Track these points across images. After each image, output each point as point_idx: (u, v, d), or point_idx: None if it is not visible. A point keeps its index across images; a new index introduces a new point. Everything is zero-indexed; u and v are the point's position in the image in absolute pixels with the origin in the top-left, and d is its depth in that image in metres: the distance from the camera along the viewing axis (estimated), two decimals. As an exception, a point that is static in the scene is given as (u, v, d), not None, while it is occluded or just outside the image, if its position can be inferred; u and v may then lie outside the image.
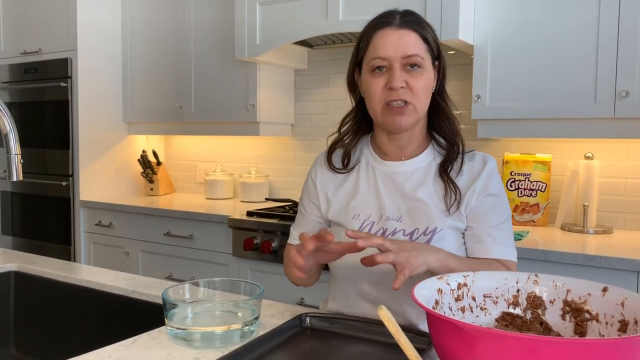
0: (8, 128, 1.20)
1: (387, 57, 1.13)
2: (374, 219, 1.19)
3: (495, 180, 1.19)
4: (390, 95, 1.13)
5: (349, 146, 1.27)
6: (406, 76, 1.13)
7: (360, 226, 1.20)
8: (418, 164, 1.21)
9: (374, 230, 1.18)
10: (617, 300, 0.82)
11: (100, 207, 3.06)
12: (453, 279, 0.89)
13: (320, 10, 2.41)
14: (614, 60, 1.98)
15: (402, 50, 1.12)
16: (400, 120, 1.15)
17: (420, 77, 1.13)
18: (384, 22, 1.15)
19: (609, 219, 2.30)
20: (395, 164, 1.22)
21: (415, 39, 1.13)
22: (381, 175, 1.22)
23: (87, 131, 3.15)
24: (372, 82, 1.15)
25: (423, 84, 1.14)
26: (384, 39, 1.13)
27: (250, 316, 1.04)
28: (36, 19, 3.25)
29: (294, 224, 1.37)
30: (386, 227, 1.17)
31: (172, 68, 3.13)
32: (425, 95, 1.15)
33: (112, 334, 1.35)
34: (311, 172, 1.32)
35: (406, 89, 1.13)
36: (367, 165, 1.25)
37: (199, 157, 3.52)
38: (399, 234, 1.16)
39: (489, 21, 2.21)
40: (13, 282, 1.60)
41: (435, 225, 1.15)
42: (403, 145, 1.22)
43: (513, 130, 2.23)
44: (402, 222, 1.17)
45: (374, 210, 1.20)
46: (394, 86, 1.12)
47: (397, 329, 0.76)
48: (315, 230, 1.26)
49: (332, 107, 2.98)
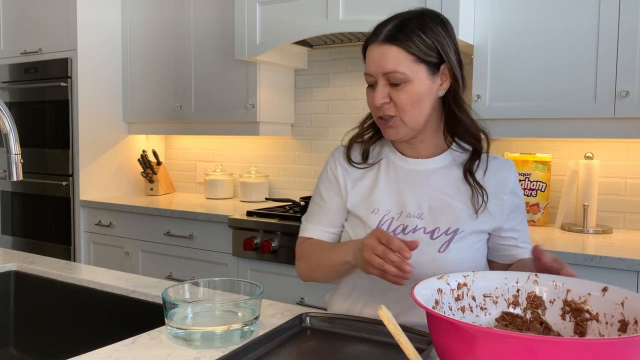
0: (8, 128, 1.20)
1: (372, 74, 1.15)
2: (393, 214, 1.19)
3: (517, 182, 1.23)
4: (377, 112, 1.16)
5: (369, 142, 1.27)
6: (390, 90, 1.13)
7: (380, 221, 1.19)
8: (440, 162, 1.21)
9: (393, 226, 1.18)
10: (617, 300, 0.82)
11: (100, 207, 3.06)
12: (453, 279, 0.89)
13: (320, 10, 2.41)
14: (614, 60, 1.98)
15: (382, 67, 1.12)
16: (390, 133, 1.17)
17: (403, 91, 1.12)
18: (372, 37, 1.16)
19: (609, 218, 2.30)
20: (417, 162, 1.22)
21: (395, 54, 1.11)
22: (403, 172, 1.22)
23: (87, 131, 3.15)
24: (368, 96, 1.18)
25: (407, 98, 1.12)
26: (369, 54, 1.15)
27: (250, 316, 1.04)
28: (36, 19, 3.25)
29: (309, 216, 1.31)
30: (406, 224, 1.17)
31: (172, 68, 3.13)
32: (413, 107, 1.13)
33: (112, 334, 1.35)
34: (330, 164, 1.30)
35: (390, 104, 1.14)
36: (388, 161, 1.25)
37: (199, 157, 3.52)
38: (420, 231, 1.16)
39: (489, 21, 2.21)
40: (13, 282, 1.60)
41: (458, 226, 1.15)
42: (415, 147, 1.22)
43: (513, 130, 2.23)
44: (423, 220, 1.17)
45: (394, 206, 1.19)
46: (375, 104, 1.14)
47: (397, 329, 0.76)
48: (335, 221, 1.26)
49: (332, 107, 2.98)
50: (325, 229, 1.27)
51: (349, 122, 2.90)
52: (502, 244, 1.21)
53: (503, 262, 1.23)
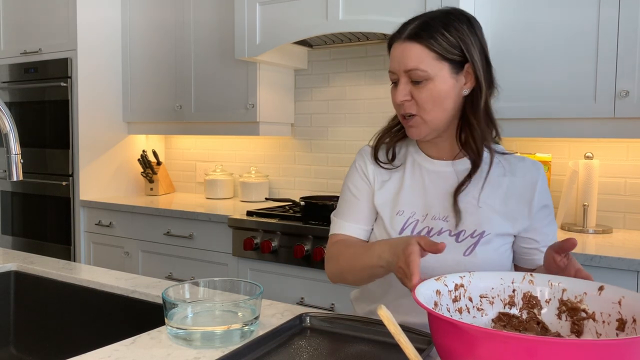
0: (8, 128, 1.20)
1: (395, 71, 1.15)
2: (418, 216, 1.18)
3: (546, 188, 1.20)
4: (398, 110, 1.17)
5: (393, 142, 1.25)
6: (412, 88, 1.13)
7: (405, 223, 1.18)
8: (465, 164, 1.19)
9: (418, 228, 1.17)
10: (614, 299, 0.82)
11: (100, 206, 3.06)
12: (450, 280, 0.89)
13: (320, 10, 2.41)
14: (614, 60, 1.98)
15: (403, 64, 1.13)
16: (412, 132, 1.17)
17: (424, 89, 1.12)
18: (395, 35, 1.16)
19: (608, 218, 2.30)
20: (443, 163, 1.21)
21: (418, 51, 1.11)
22: (428, 174, 1.21)
23: (87, 131, 3.15)
24: (392, 94, 1.18)
25: (428, 96, 1.12)
26: (393, 52, 1.16)
27: (250, 316, 1.04)
28: (36, 19, 3.25)
29: (340, 213, 1.28)
30: (432, 227, 1.16)
31: (172, 68, 3.13)
32: (434, 105, 1.12)
33: (112, 334, 1.35)
34: (358, 162, 1.28)
35: (412, 102, 1.14)
36: (414, 162, 1.24)
37: (199, 157, 3.52)
38: (445, 234, 1.15)
39: (489, 21, 2.21)
40: (13, 282, 1.60)
41: (484, 229, 1.14)
42: (440, 148, 1.21)
43: (513, 130, 2.23)
44: (448, 222, 1.16)
45: (419, 208, 1.19)
46: (396, 101, 1.15)
47: (397, 329, 0.76)
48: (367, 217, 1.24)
49: (332, 107, 2.98)
50: (358, 226, 1.25)
51: (349, 122, 2.91)
52: (525, 247, 1.19)
53: (526, 266, 1.20)
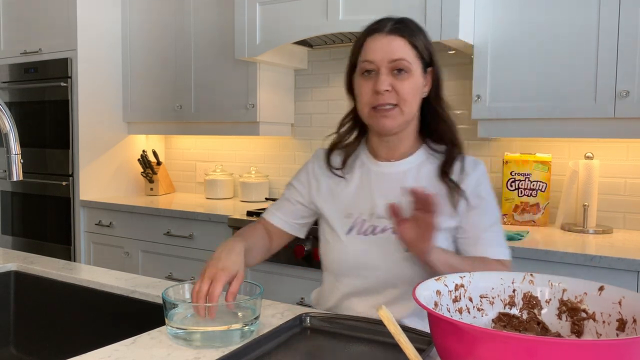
0: (8, 128, 1.20)
1: (375, 61, 1.17)
2: (365, 216, 1.23)
3: (486, 182, 1.23)
4: (377, 100, 1.18)
5: (348, 147, 1.30)
6: (392, 80, 1.17)
7: (352, 224, 1.23)
8: (409, 164, 1.25)
9: (364, 227, 1.22)
10: (614, 299, 0.82)
11: (100, 206, 3.06)
12: (450, 280, 0.89)
13: (320, 10, 2.41)
14: (614, 60, 1.98)
15: (389, 54, 1.16)
16: (386, 123, 1.19)
17: (406, 81, 1.17)
18: (375, 28, 1.20)
19: (609, 218, 2.30)
20: (387, 164, 1.26)
21: (403, 45, 1.17)
22: (375, 175, 1.26)
23: (87, 131, 3.15)
24: (361, 85, 1.20)
25: (409, 88, 1.17)
26: (374, 43, 1.19)
27: (250, 316, 1.04)
28: (36, 19, 3.25)
29: (277, 202, 1.39)
30: (376, 225, 1.21)
31: (172, 68, 3.13)
32: (412, 98, 1.18)
33: (112, 334, 1.35)
34: (310, 164, 1.36)
35: (392, 93, 1.17)
36: (362, 165, 1.29)
37: (199, 157, 3.52)
38: (388, 231, 1.19)
39: (489, 21, 2.21)
40: (13, 282, 1.60)
41: None
42: (393, 147, 1.25)
43: (513, 130, 2.23)
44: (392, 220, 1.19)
45: (366, 208, 1.24)
46: (379, 89, 1.16)
47: (397, 329, 0.76)
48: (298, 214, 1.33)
49: (332, 107, 2.98)
50: (285, 218, 1.34)
51: (349, 122, 2.90)
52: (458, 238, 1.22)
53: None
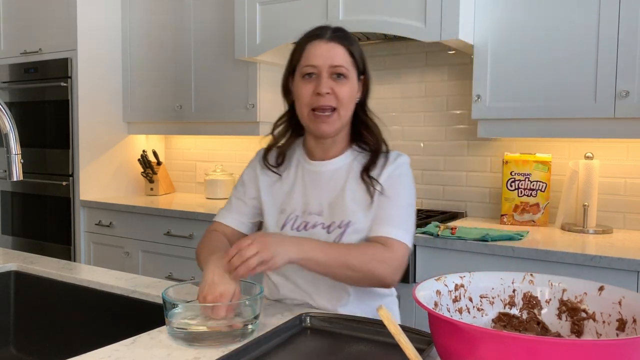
0: (8, 128, 1.20)
1: (317, 65, 1.25)
2: (298, 213, 1.31)
3: (403, 172, 1.30)
4: (318, 101, 1.25)
5: (284, 147, 1.38)
6: (332, 84, 1.25)
7: (286, 220, 1.31)
8: (339, 163, 1.33)
9: (297, 223, 1.30)
10: (614, 299, 0.82)
11: (100, 206, 3.06)
12: (450, 280, 0.89)
13: (320, 10, 2.41)
14: (614, 60, 1.98)
15: (330, 60, 1.24)
16: (325, 128, 1.27)
17: (344, 86, 1.25)
18: (317, 34, 1.28)
19: (609, 218, 2.30)
20: (319, 163, 1.34)
21: (343, 52, 1.26)
22: (308, 174, 1.34)
23: (87, 131, 3.15)
24: (301, 87, 1.27)
25: (347, 92, 1.26)
26: (315, 49, 1.26)
27: (250, 316, 1.04)
28: (36, 19, 3.25)
29: (227, 204, 1.44)
30: (308, 221, 1.30)
31: (172, 68, 3.13)
32: (349, 102, 1.27)
33: (112, 334, 1.35)
34: (252, 164, 1.42)
35: (332, 96, 1.24)
36: (298, 164, 1.37)
37: (199, 157, 3.52)
38: (319, 227, 1.28)
39: (489, 21, 2.21)
40: (13, 282, 1.60)
41: (350, 219, 1.26)
42: (328, 148, 1.33)
43: (513, 130, 2.23)
44: (322, 216, 1.29)
45: (299, 205, 1.32)
46: (321, 91, 1.23)
47: (397, 329, 0.76)
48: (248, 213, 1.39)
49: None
50: (237, 217, 1.40)
51: (349, 122, 2.90)
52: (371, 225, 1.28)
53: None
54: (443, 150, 2.66)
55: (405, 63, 2.73)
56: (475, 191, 2.59)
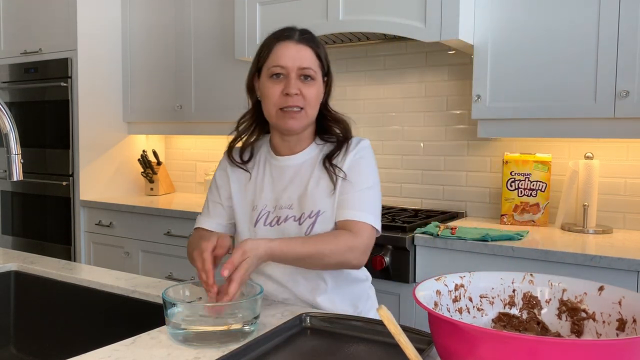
0: (8, 128, 1.20)
1: (286, 66, 1.27)
2: (269, 208, 1.34)
3: (364, 155, 1.33)
4: (287, 102, 1.27)
5: (248, 143, 1.41)
6: (300, 85, 1.28)
7: (258, 216, 1.34)
8: (305, 157, 1.36)
9: (270, 218, 1.33)
10: (614, 299, 0.82)
11: (101, 206, 3.06)
12: (450, 280, 0.89)
13: (320, 10, 2.41)
14: (614, 60, 1.98)
15: (299, 62, 1.28)
16: (293, 124, 1.29)
17: (312, 87, 1.29)
18: (285, 35, 1.30)
19: (609, 218, 2.30)
20: (285, 158, 1.37)
21: (310, 54, 1.30)
22: (276, 169, 1.37)
23: (87, 131, 3.15)
24: (270, 87, 1.29)
25: (314, 93, 1.30)
26: (284, 50, 1.28)
27: (250, 316, 1.04)
28: (36, 19, 3.25)
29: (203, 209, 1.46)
30: (280, 215, 1.32)
31: (172, 68, 3.13)
32: (316, 102, 1.31)
33: (112, 334, 1.35)
34: (222, 164, 1.44)
35: (300, 96, 1.28)
36: (266, 161, 1.39)
37: (199, 157, 3.52)
38: (290, 220, 1.31)
39: (489, 21, 2.21)
40: (13, 282, 1.60)
41: (319, 208, 1.29)
42: (293, 145, 1.36)
43: (513, 130, 2.23)
44: (293, 209, 1.32)
45: (270, 200, 1.34)
46: (290, 92, 1.26)
47: (397, 329, 0.76)
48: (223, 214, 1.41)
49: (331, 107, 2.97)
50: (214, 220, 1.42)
51: (349, 122, 2.90)
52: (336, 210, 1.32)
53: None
54: (443, 150, 2.66)
55: (405, 63, 2.73)
56: (475, 191, 2.59)
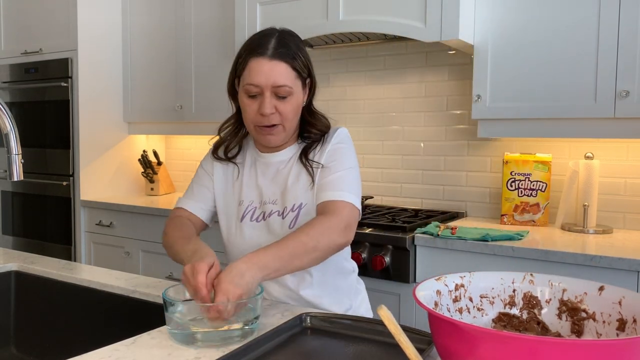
0: (9, 128, 1.20)
1: (259, 85, 1.25)
2: (255, 204, 1.35)
3: (341, 141, 1.34)
4: (262, 121, 1.27)
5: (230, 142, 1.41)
6: (276, 102, 1.26)
7: (244, 211, 1.35)
8: (289, 153, 1.37)
9: (256, 214, 1.35)
10: (614, 299, 0.82)
11: (101, 206, 3.06)
12: (450, 280, 0.89)
13: (320, 10, 2.41)
14: (614, 60, 1.98)
15: (273, 80, 1.25)
16: (271, 139, 1.31)
17: (288, 103, 1.27)
18: (259, 52, 1.26)
19: (609, 218, 2.30)
20: (270, 155, 1.38)
21: (285, 70, 1.26)
22: (260, 166, 1.38)
23: (88, 131, 3.15)
24: (246, 105, 1.29)
25: (291, 108, 1.28)
26: (258, 67, 1.25)
27: (250, 316, 1.04)
28: (37, 19, 3.25)
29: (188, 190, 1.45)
30: (265, 210, 1.34)
31: (172, 68, 3.13)
32: (293, 116, 1.30)
33: (112, 334, 1.35)
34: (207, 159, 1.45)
35: (275, 114, 1.27)
36: (251, 158, 1.40)
37: (199, 157, 3.50)
38: (275, 214, 1.32)
39: (489, 21, 2.21)
40: (13, 282, 1.60)
41: (301, 201, 1.30)
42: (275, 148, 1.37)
43: (513, 130, 2.23)
44: (276, 204, 1.33)
45: (256, 196, 1.36)
46: (264, 113, 1.25)
47: (397, 329, 0.76)
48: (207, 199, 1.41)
49: (332, 107, 2.98)
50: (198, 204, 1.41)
51: (349, 122, 2.91)
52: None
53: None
54: (443, 150, 2.66)
55: (405, 63, 2.73)
56: (476, 191, 2.59)
